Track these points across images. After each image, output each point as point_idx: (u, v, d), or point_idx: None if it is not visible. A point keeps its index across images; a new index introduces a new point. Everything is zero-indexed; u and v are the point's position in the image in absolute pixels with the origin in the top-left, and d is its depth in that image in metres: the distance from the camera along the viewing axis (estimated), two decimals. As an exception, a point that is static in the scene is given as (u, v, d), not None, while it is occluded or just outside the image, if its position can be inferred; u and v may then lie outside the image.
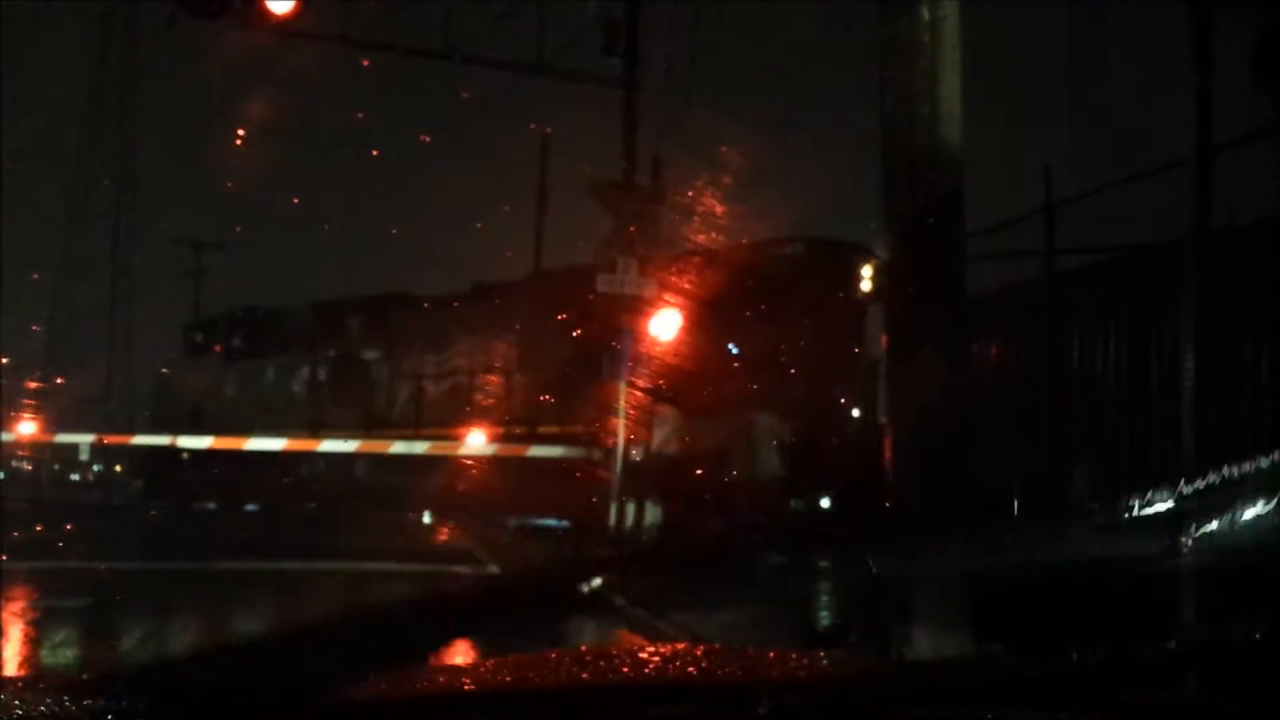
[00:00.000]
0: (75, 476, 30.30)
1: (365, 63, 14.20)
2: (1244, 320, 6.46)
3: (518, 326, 16.26)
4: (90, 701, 1.22)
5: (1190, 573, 5.04)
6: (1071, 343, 8.15)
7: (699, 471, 12.01)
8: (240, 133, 19.77)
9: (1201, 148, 5.54)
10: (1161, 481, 6.61)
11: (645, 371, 11.28)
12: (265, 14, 11.56)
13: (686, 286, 11.30)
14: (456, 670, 1.79)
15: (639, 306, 11.10)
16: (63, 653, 6.97)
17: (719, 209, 11.70)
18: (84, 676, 1.39)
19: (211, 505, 19.77)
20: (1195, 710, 1.75)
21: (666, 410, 12.22)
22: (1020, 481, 7.70)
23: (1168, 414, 6.49)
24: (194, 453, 20.17)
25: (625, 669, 1.78)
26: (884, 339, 6.82)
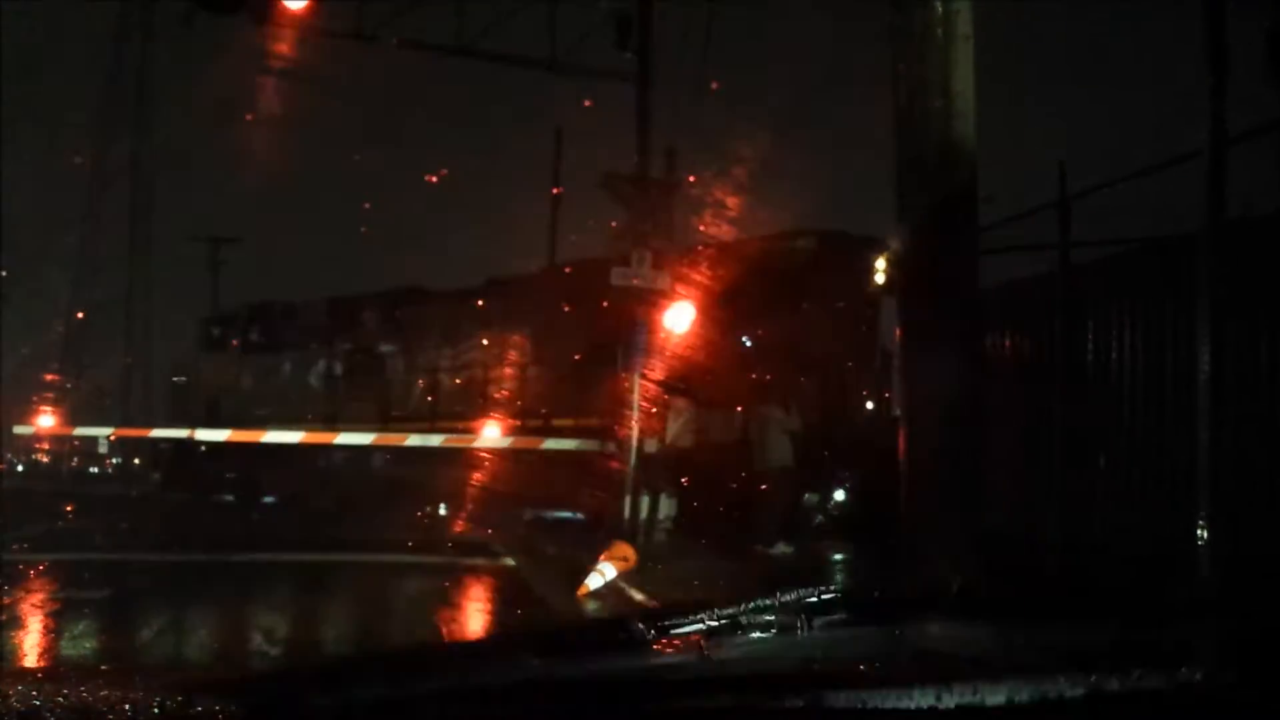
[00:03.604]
0: (94, 469, 30.54)
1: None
2: (1261, 312, 6.43)
3: (532, 320, 16.29)
4: (108, 693, 1.24)
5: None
6: (1085, 336, 8.13)
7: (713, 464, 12.03)
8: (256, 128, 19.86)
9: (1216, 138, 5.51)
10: (1175, 474, 6.60)
11: (659, 364, 11.29)
12: (281, 10, 11.63)
13: (700, 279, 11.31)
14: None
15: (652, 299, 11.10)
16: (82, 644, 7.04)
17: (732, 202, 11.71)
18: (102, 667, 1.41)
19: (229, 498, 19.91)
20: (1211, 697, 1.75)
21: (681, 403, 12.23)
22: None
23: (1183, 407, 6.47)
24: (212, 445, 20.30)
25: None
26: (897, 332, 6.82)
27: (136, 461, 28.88)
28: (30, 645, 6.85)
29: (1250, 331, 6.38)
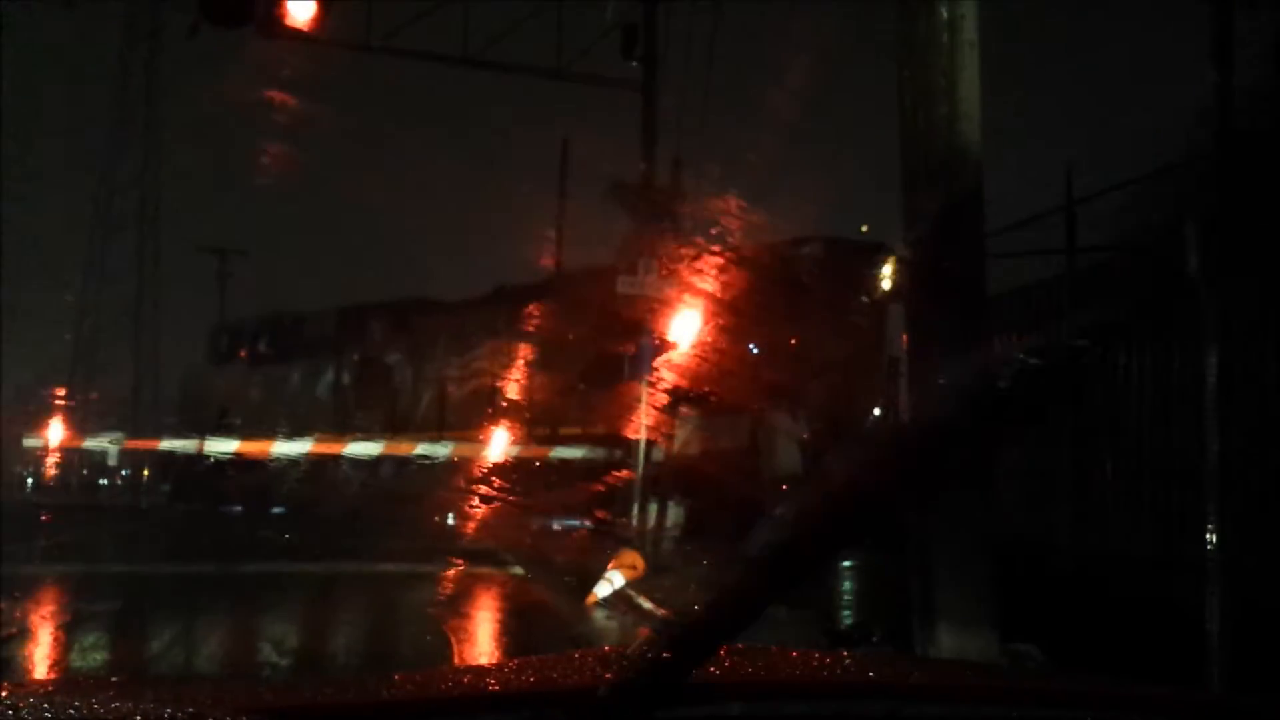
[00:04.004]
0: (104, 481, 30.59)
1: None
2: (1269, 316, 6.41)
3: (539, 328, 16.32)
4: (119, 704, 1.24)
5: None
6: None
7: (720, 472, 12.03)
8: (262, 139, 19.92)
9: (1222, 139, 5.50)
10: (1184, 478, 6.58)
11: (666, 372, 11.30)
12: (287, 22, 11.67)
13: (706, 287, 11.32)
14: (480, 670, 1.81)
15: (659, 307, 11.12)
16: (92, 656, 7.05)
17: (738, 209, 11.72)
18: (113, 679, 1.42)
19: (239, 508, 19.96)
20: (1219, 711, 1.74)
21: (688, 410, 12.24)
22: None
23: (1190, 413, 6.45)
24: (221, 456, 20.35)
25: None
26: (904, 338, 6.81)
27: (146, 473, 28.95)
28: (41, 657, 6.86)
29: (1259, 335, 6.37)
